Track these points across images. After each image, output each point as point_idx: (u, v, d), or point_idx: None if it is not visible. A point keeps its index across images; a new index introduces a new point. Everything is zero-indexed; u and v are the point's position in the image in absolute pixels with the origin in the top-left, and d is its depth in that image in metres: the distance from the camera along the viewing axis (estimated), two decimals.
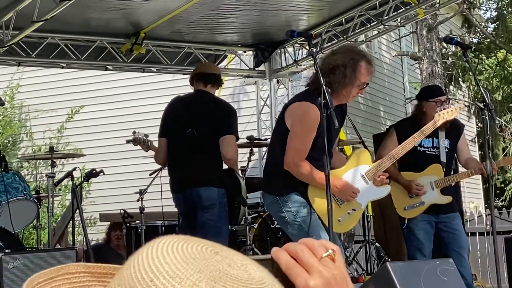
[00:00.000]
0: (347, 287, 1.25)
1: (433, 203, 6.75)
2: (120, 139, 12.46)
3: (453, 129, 6.89)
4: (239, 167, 7.47)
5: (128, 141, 7.51)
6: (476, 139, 20.33)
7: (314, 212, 5.36)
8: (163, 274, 1.02)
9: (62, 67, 10.15)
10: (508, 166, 18.98)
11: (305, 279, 1.20)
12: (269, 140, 9.00)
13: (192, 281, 1.01)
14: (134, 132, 7.38)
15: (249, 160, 8.83)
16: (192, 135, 6.84)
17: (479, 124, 21.47)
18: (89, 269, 1.19)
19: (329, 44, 10.21)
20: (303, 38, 8.75)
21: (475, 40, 19.47)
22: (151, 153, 7.42)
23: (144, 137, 7.31)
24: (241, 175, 7.73)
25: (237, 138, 6.97)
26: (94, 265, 1.19)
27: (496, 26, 18.74)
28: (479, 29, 18.55)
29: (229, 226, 7.19)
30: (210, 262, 1.04)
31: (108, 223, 10.45)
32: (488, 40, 18.40)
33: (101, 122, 15.01)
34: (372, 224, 9.09)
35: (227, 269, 1.04)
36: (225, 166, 7.01)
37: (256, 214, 8.46)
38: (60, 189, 13.80)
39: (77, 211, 7.69)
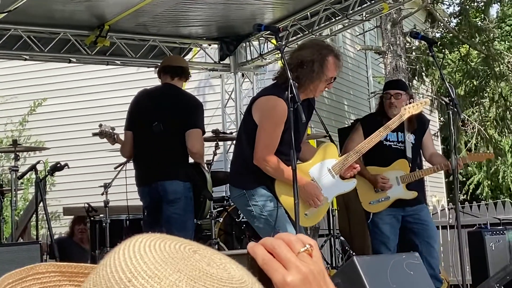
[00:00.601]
0: (324, 282, 1.24)
1: (399, 198, 6.79)
2: (83, 132, 12.40)
3: (419, 124, 6.93)
4: (204, 161, 7.44)
5: (94, 134, 7.44)
6: (438, 133, 20.47)
7: (280, 206, 5.36)
8: (142, 274, 1.00)
9: (25, 59, 10.03)
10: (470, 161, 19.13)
11: (283, 275, 1.19)
12: (234, 134, 9.01)
13: (172, 281, 0.99)
14: (100, 125, 7.31)
15: (215, 153, 8.81)
16: (159, 128, 6.80)
17: (441, 119, 21.65)
18: (59, 269, 1.17)
19: (294, 38, 10.21)
20: (269, 32, 8.74)
21: (438, 35, 19.57)
22: (116, 146, 7.37)
23: (111, 130, 7.24)
24: (207, 169, 7.71)
25: (204, 132, 6.94)
26: (65, 264, 1.18)
27: (459, 21, 18.85)
28: (442, 24, 18.66)
29: (194, 220, 7.18)
30: (189, 261, 1.03)
31: (72, 216, 10.37)
32: (451, 35, 18.52)
33: (65, 115, 14.90)
34: (337, 218, 9.13)
35: (207, 268, 1.03)
36: (191, 160, 6.99)
37: (222, 208, 8.44)
38: (22, 183, 13.69)
39: (41, 204, 7.63)
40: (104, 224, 8.04)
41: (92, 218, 8.38)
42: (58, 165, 7.71)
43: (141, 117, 6.98)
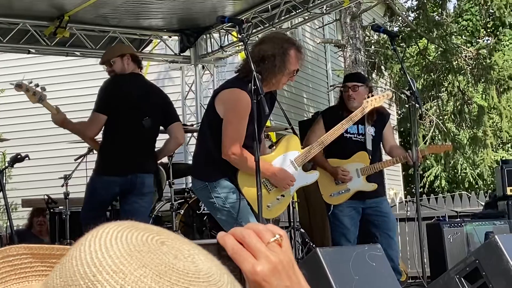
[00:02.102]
0: (293, 272, 1.25)
1: (359, 190, 6.83)
2: (43, 123, 12.28)
3: (379, 117, 6.97)
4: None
5: (14, 86, 6.40)
6: (397, 126, 20.59)
7: (243, 198, 5.36)
8: (106, 269, 0.98)
9: None
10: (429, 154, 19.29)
11: (252, 264, 1.20)
12: (195, 126, 8.98)
13: (137, 276, 0.98)
14: (23, 77, 6.84)
15: None
16: (149, 123, 6.65)
17: (399, 112, 21.79)
18: (31, 251, 1.16)
19: (255, 31, 10.21)
20: (231, 24, 8.72)
21: (396, 29, 19.66)
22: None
23: (38, 89, 6.37)
24: (167, 161, 7.73)
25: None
26: (36, 246, 1.17)
27: (417, 15, 18.93)
28: (400, 18, 18.76)
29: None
30: (156, 255, 1.01)
31: (31, 208, 10.28)
32: (409, 29, 18.61)
33: (23, 106, 14.67)
34: (297, 210, 9.14)
35: (173, 262, 1.02)
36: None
37: (183, 200, 8.43)
38: None
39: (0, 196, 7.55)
40: (64, 216, 7.99)
41: (51, 210, 8.33)
42: (19, 156, 7.63)
43: (127, 106, 6.62)
